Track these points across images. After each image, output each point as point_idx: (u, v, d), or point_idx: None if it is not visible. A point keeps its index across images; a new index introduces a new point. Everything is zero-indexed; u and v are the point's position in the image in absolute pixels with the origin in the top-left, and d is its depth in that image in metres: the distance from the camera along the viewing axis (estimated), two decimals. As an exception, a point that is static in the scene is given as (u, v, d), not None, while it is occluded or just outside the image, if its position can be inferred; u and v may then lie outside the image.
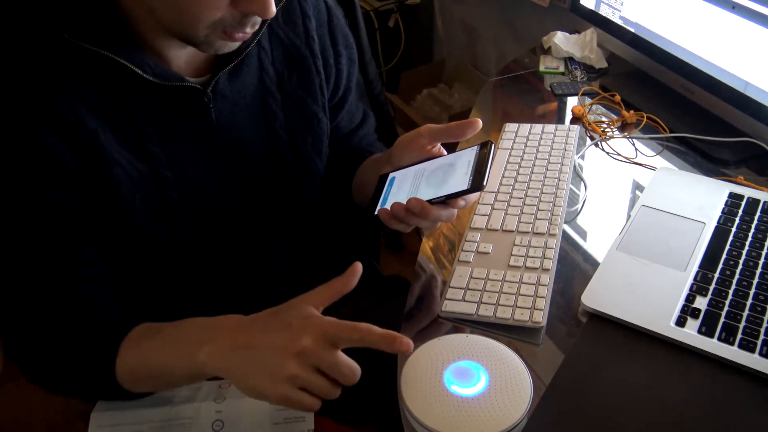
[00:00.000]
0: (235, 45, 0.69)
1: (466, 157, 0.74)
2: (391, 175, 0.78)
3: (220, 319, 0.65)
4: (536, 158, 0.96)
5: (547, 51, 1.26)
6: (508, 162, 0.96)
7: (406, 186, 0.75)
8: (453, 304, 0.75)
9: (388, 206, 0.72)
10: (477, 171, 0.71)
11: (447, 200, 0.70)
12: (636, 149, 1.01)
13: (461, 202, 0.71)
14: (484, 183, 0.69)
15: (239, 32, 0.66)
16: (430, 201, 0.70)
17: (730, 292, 0.74)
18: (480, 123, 0.73)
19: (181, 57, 0.71)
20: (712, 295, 0.74)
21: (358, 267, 0.66)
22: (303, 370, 0.58)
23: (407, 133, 0.78)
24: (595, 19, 1.18)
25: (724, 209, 0.85)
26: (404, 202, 0.70)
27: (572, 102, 1.14)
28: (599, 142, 1.03)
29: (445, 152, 0.78)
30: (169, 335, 0.67)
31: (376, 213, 0.74)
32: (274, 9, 0.63)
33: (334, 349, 0.59)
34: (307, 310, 0.63)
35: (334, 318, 0.61)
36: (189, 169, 0.74)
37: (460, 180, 0.71)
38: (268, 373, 0.58)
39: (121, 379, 0.68)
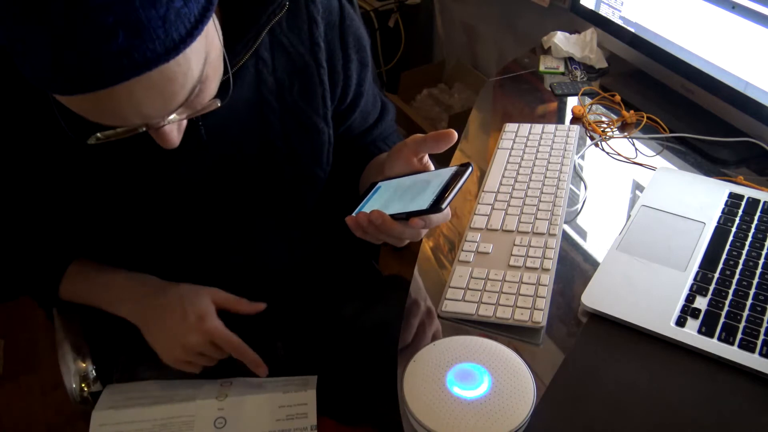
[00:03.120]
0: None
1: (442, 176, 0.70)
2: (378, 183, 0.76)
3: (139, 281, 0.81)
4: (536, 158, 0.96)
5: (547, 51, 1.26)
6: (508, 162, 0.96)
7: (384, 197, 0.73)
8: (453, 304, 0.75)
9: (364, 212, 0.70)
10: (441, 193, 0.67)
11: (408, 218, 0.67)
12: (636, 149, 1.02)
13: (420, 222, 0.66)
14: (442, 206, 0.65)
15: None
16: (392, 215, 0.67)
17: (730, 292, 0.74)
18: (455, 135, 0.69)
19: None
20: (712, 295, 0.74)
21: (261, 306, 0.83)
22: (186, 355, 0.78)
23: (399, 143, 0.75)
24: (595, 19, 1.18)
25: (724, 209, 0.85)
26: (374, 209, 0.68)
27: (572, 102, 1.14)
28: (599, 142, 1.03)
29: (431, 166, 0.75)
30: (98, 286, 0.81)
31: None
32: (174, 143, 0.61)
33: (213, 347, 0.78)
34: (205, 309, 0.78)
35: (223, 326, 0.78)
36: (181, 180, 0.74)
37: (425, 199, 0.68)
38: (161, 347, 0.78)
39: (63, 296, 0.82)
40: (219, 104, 0.61)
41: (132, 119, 0.55)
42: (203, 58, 0.55)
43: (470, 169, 0.70)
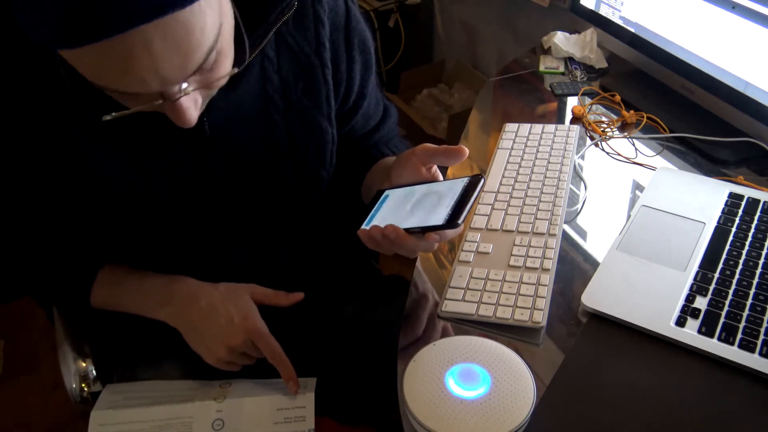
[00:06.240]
0: None
1: (454, 189, 0.71)
2: (386, 192, 0.77)
3: (176, 284, 0.80)
4: (536, 158, 0.96)
5: (547, 51, 1.26)
6: (508, 162, 0.96)
7: (394, 208, 0.73)
8: (453, 304, 0.75)
9: (376, 224, 0.71)
10: (456, 207, 0.68)
11: (423, 232, 0.68)
12: (636, 149, 1.01)
13: (435, 236, 0.68)
14: (459, 222, 0.66)
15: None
16: (407, 230, 0.68)
17: (730, 292, 0.74)
18: (466, 152, 0.71)
19: None
20: (712, 295, 0.74)
21: (300, 296, 0.83)
22: (230, 356, 0.78)
23: (406, 151, 0.75)
24: (595, 19, 1.18)
25: (724, 209, 0.85)
26: (389, 224, 0.69)
27: (572, 102, 1.14)
28: (599, 142, 1.03)
29: (440, 176, 0.75)
30: (133, 291, 0.80)
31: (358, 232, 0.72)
32: (191, 120, 0.60)
33: (254, 347, 0.78)
34: (248, 309, 0.79)
35: (266, 328, 0.78)
36: (183, 177, 0.74)
37: (440, 213, 0.68)
38: (206, 348, 0.78)
39: (93, 303, 0.81)
40: (237, 71, 0.61)
41: (149, 78, 0.53)
42: (218, 21, 0.55)
43: (482, 181, 0.70)
